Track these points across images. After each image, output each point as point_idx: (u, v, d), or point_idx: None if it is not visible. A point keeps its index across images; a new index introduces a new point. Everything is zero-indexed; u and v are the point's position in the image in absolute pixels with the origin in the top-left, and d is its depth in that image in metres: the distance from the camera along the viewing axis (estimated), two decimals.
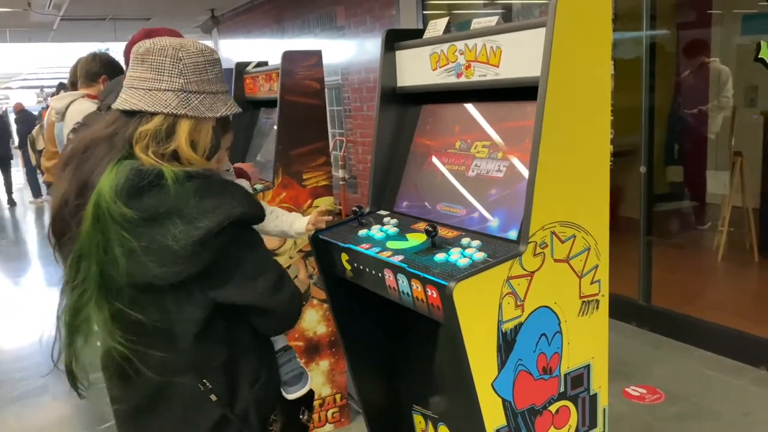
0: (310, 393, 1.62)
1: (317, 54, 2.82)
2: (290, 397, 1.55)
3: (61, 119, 2.96)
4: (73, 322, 1.24)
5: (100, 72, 2.99)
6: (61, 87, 4.27)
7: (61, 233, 1.27)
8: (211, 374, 1.33)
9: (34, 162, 8.48)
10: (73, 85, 3.26)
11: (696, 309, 3.80)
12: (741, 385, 3.15)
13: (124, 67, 2.27)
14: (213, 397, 1.33)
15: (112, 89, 2.67)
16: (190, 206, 1.20)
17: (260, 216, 1.35)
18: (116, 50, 10.82)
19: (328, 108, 3.25)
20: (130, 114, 1.28)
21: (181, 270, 1.20)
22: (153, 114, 1.26)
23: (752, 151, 4.70)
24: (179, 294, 1.25)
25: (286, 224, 1.93)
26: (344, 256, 1.76)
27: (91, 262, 1.19)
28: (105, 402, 1.39)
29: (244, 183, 1.95)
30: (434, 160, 1.91)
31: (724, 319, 3.61)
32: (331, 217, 1.93)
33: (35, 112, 13.23)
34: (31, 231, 9.21)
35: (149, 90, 1.27)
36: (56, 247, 1.30)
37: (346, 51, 6.89)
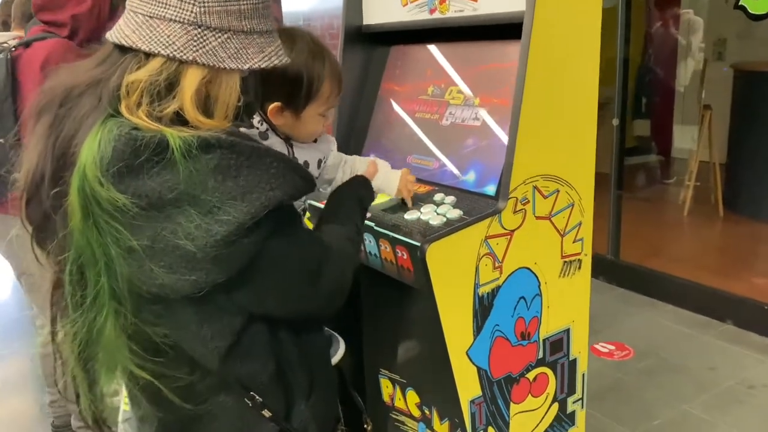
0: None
1: None
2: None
3: None
4: (91, 356, 0.93)
5: None
6: None
7: (41, 222, 0.94)
8: (259, 389, 1.04)
9: None
10: (4, 25, 2.97)
11: (663, 264, 3.81)
12: (707, 340, 3.17)
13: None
14: (266, 413, 1.05)
15: None
16: (209, 190, 0.85)
17: (308, 189, 0.99)
18: None
19: None
20: (126, 50, 0.90)
21: (199, 278, 0.87)
22: (149, 55, 0.88)
23: (721, 105, 4.68)
24: (200, 305, 0.93)
25: (347, 174, 1.41)
26: (306, 215, 1.62)
27: (98, 271, 0.87)
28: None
29: (328, 140, 1.43)
30: (404, 107, 1.79)
31: (691, 274, 3.63)
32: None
33: None
34: None
35: (150, 17, 0.88)
36: (35, 241, 0.96)
37: None
